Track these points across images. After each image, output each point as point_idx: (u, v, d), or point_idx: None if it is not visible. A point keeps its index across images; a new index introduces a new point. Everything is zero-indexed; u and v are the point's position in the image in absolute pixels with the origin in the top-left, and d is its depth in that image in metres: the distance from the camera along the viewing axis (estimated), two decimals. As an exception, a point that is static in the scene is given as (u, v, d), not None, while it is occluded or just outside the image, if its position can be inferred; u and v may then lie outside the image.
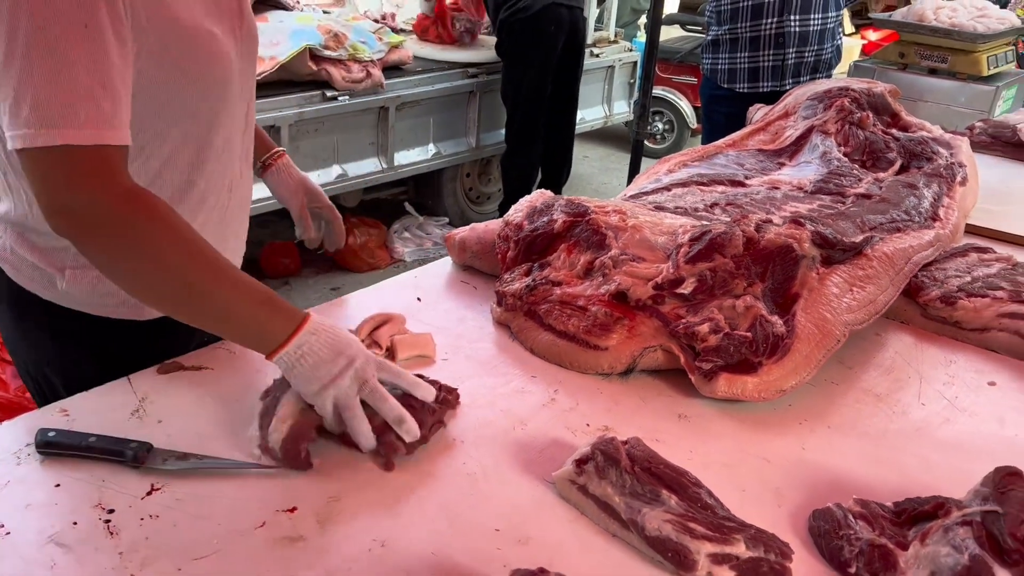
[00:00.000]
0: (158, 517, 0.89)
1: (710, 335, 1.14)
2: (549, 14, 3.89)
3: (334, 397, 0.97)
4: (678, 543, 0.83)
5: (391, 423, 0.97)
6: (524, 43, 3.92)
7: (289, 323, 0.98)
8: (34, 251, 1.18)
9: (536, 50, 3.94)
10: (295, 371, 0.97)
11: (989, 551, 0.76)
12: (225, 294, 0.99)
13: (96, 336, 1.23)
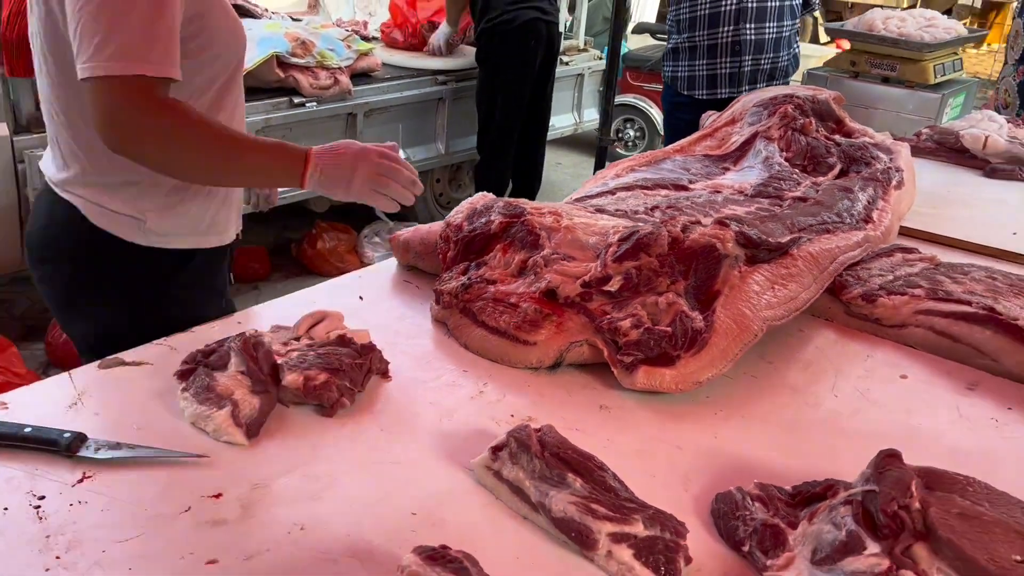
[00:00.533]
0: (87, 503, 0.92)
1: (632, 330, 1.19)
2: (531, 27, 3.98)
3: (359, 189, 1.35)
4: (581, 523, 0.87)
5: (406, 185, 1.37)
6: (506, 53, 3.99)
7: (299, 160, 1.33)
8: (115, 201, 1.43)
9: (517, 61, 4.02)
10: (323, 187, 1.35)
11: (864, 527, 0.81)
12: (251, 156, 1.35)
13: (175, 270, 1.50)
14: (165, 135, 1.27)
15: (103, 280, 1.49)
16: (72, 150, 1.43)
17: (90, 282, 1.50)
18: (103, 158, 1.37)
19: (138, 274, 1.48)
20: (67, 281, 1.52)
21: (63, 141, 1.44)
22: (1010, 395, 1.21)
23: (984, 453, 1.08)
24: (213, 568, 0.85)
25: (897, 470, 0.83)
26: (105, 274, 1.48)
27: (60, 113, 1.41)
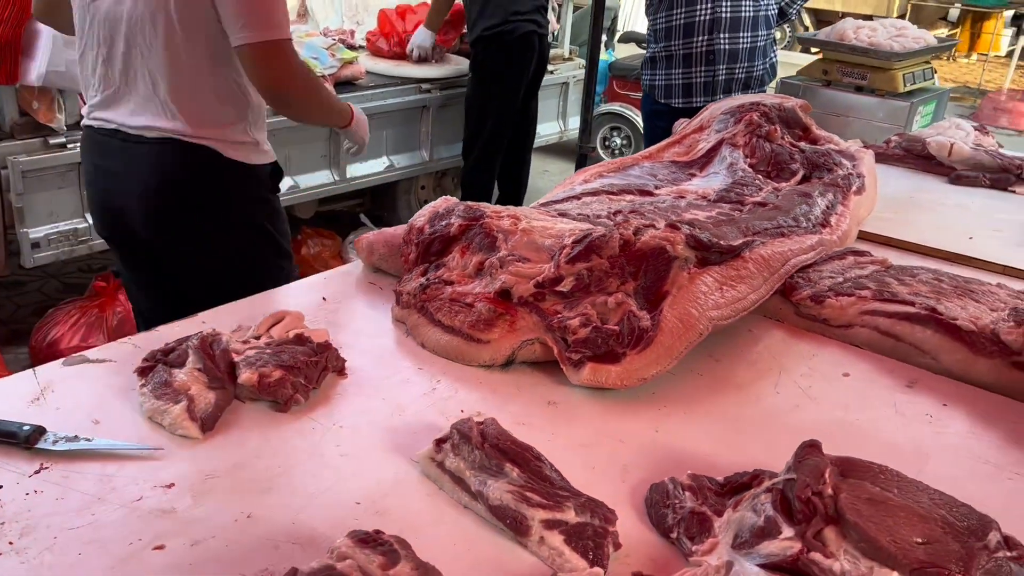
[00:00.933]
0: (42, 493, 0.96)
1: (580, 328, 1.23)
2: (527, 39, 4.06)
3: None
4: (516, 511, 0.91)
5: None
6: (502, 62, 4.06)
7: (348, 110, 2.19)
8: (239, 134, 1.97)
9: (513, 71, 4.09)
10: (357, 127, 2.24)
11: (781, 513, 0.84)
12: (335, 102, 2.20)
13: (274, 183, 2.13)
14: (308, 85, 1.98)
15: (232, 202, 2.00)
16: (202, 104, 1.91)
17: (222, 206, 1.99)
18: (226, 105, 1.93)
19: (258, 192, 2.05)
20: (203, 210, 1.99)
21: (190, 98, 1.90)
22: (947, 392, 1.25)
23: (915, 447, 1.12)
24: (159, 553, 0.88)
25: (814, 459, 0.87)
26: (233, 197, 2.00)
27: (191, 76, 1.88)
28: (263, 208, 2.08)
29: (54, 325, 3.10)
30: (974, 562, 0.74)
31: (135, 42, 1.87)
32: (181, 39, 1.84)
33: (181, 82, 1.88)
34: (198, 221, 2.00)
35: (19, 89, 2.82)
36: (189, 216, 1.99)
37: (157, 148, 1.92)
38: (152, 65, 1.87)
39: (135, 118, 1.93)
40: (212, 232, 2.02)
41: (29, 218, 2.93)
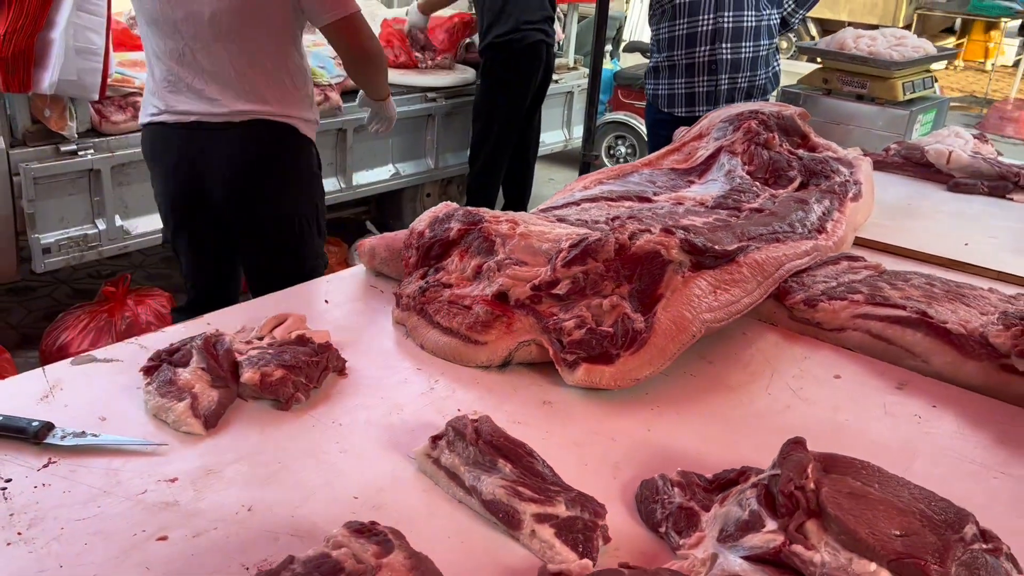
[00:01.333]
0: (50, 486, 0.99)
1: (575, 330, 1.25)
2: (536, 49, 4.13)
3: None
4: (508, 505, 0.93)
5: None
6: (511, 70, 4.12)
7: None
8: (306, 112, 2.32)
9: (520, 78, 4.14)
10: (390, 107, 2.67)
11: (766, 507, 0.87)
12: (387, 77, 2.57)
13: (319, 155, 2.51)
14: (379, 47, 2.38)
15: (303, 174, 2.36)
16: (281, 87, 2.23)
17: (295, 175, 2.33)
18: (298, 86, 2.27)
19: (317, 167, 2.42)
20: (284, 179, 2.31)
21: (273, 82, 2.21)
22: (936, 394, 1.27)
23: (903, 447, 1.14)
24: (163, 543, 0.91)
25: (798, 455, 0.89)
26: (304, 166, 2.35)
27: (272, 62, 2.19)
28: (319, 182, 2.47)
29: (64, 329, 3.14)
30: (950, 553, 0.77)
31: (219, 38, 2.14)
32: (263, 30, 2.15)
33: (264, 68, 2.19)
34: (275, 192, 2.31)
35: (31, 97, 2.87)
36: (269, 186, 2.30)
37: (244, 130, 2.22)
38: (236, 57, 2.16)
39: (218, 107, 2.20)
40: (285, 201, 2.35)
41: (40, 224, 2.97)
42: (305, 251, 2.43)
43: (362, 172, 3.99)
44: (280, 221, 2.36)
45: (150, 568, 0.88)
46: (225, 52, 2.16)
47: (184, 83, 2.21)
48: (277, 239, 2.38)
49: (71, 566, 0.87)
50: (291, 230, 2.38)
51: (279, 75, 2.22)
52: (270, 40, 2.18)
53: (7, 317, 3.67)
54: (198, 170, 2.28)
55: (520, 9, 4.04)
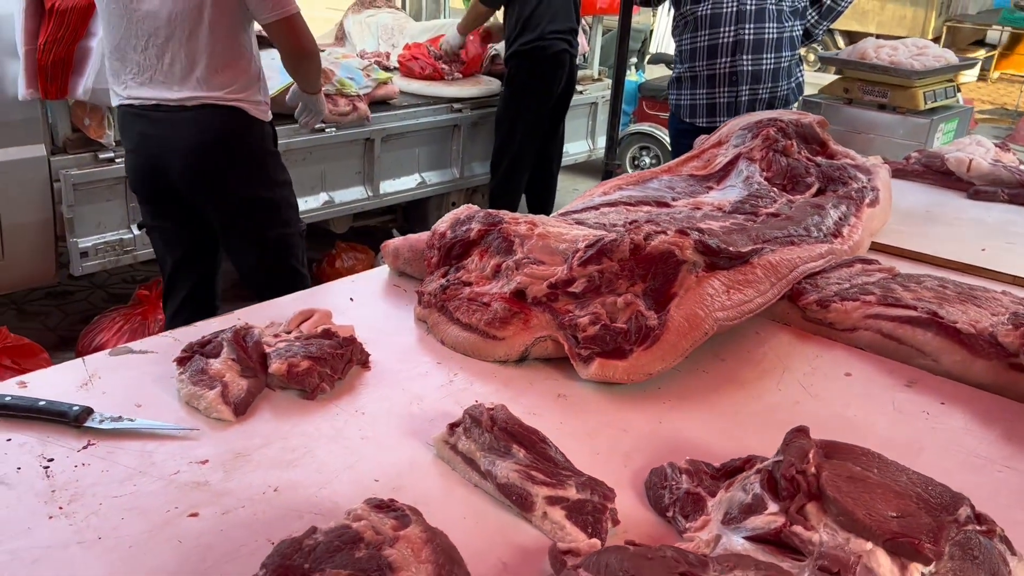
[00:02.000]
0: (89, 465, 1.05)
1: (590, 326, 1.29)
2: (559, 58, 4.20)
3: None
4: (521, 488, 0.98)
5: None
6: (534, 78, 4.19)
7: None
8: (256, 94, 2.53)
9: (544, 86, 4.20)
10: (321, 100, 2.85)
11: (768, 491, 0.90)
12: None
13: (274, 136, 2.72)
14: (315, 48, 2.58)
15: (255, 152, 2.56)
16: (231, 74, 2.44)
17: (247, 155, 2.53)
18: (247, 72, 2.47)
19: (271, 145, 2.62)
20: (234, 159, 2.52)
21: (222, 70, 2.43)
22: (945, 391, 1.29)
23: (910, 442, 1.17)
24: (193, 519, 0.96)
25: (800, 441, 0.92)
26: (256, 146, 2.55)
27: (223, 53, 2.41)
28: (274, 158, 2.66)
29: (100, 331, 3.23)
30: (943, 533, 0.79)
31: (174, 34, 2.38)
32: (216, 26, 2.38)
33: (216, 59, 2.41)
34: (228, 170, 2.52)
35: (72, 107, 2.97)
36: (222, 165, 2.51)
37: (196, 113, 2.44)
38: (190, 49, 2.40)
39: (174, 93, 2.43)
40: (237, 178, 2.55)
41: (79, 228, 3.07)
42: (271, 226, 2.64)
43: (389, 181, 4.07)
44: (238, 200, 2.58)
45: (182, 542, 0.93)
46: (180, 47, 2.40)
47: (147, 71, 2.44)
48: (239, 216, 2.60)
49: (108, 538, 0.93)
50: (251, 207, 2.60)
51: (228, 63, 2.44)
52: (221, 34, 2.41)
53: (46, 320, 3.78)
54: (155, 146, 2.52)
55: (547, 19, 4.12)
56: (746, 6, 2.95)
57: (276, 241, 2.65)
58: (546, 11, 4.11)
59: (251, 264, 2.68)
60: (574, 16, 4.29)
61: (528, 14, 4.15)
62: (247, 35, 2.51)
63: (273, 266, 2.66)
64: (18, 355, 3.05)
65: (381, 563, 0.78)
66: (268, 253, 2.67)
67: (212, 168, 2.51)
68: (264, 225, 2.64)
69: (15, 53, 2.84)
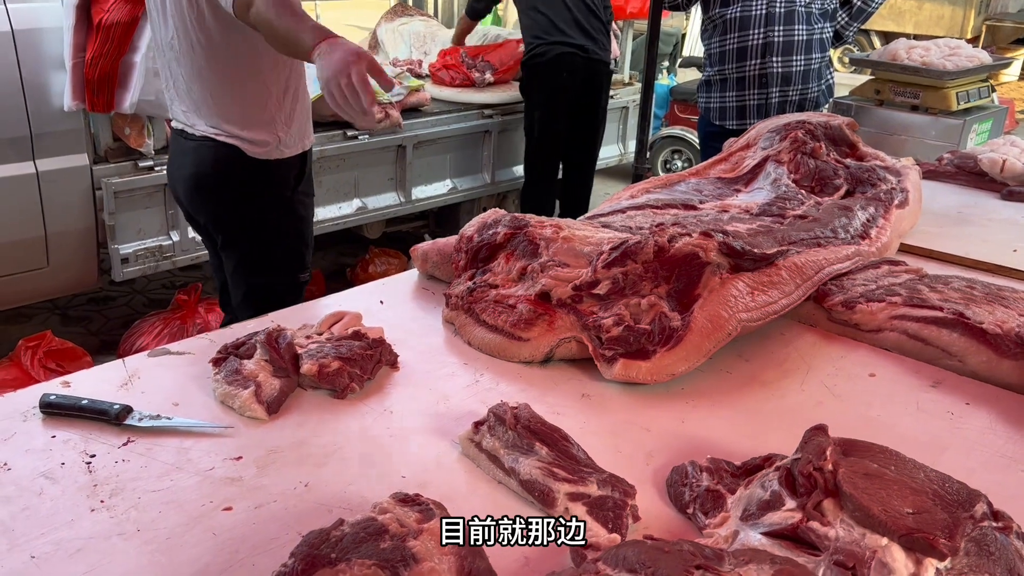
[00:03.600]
0: (129, 461, 1.09)
1: (614, 327, 1.31)
2: (563, 62, 4.17)
3: (324, 87, 1.68)
4: (543, 484, 1.00)
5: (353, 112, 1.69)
6: (538, 85, 4.20)
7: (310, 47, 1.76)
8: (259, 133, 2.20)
9: (546, 93, 4.21)
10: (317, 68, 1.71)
11: (786, 487, 0.91)
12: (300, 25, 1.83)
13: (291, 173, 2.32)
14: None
15: (255, 196, 2.26)
16: (227, 105, 2.17)
17: (246, 200, 2.26)
18: (248, 106, 2.17)
19: (275, 184, 2.27)
20: (231, 203, 2.28)
21: (217, 100, 2.17)
22: (971, 392, 1.29)
23: (933, 441, 1.17)
24: (228, 513, 1.00)
25: (818, 439, 0.93)
26: (256, 191, 2.25)
27: (215, 80, 2.15)
28: (278, 201, 2.31)
29: (140, 335, 3.32)
30: (959, 529, 0.80)
31: (173, 56, 2.20)
32: (205, 48, 2.12)
33: (208, 86, 2.17)
34: (222, 211, 2.32)
35: (113, 117, 3.06)
36: (211, 203, 2.31)
37: (195, 144, 2.24)
38: (186, 74, 2.19)
39: (186, 117, 2.26)
40: (227, 217, 2.33)
41: (120, 235, 3.16)
42: (257, 272, 2.37)
43: (421, 187, 4.12)
44: (225, 239, 2.36)
45: (216, 534, 0.96)
46: (181, 71, 2.21)
47: (169, 93, 2.32)
48: (226, 255, 2.40)
49: (146, 530, 0.97)
50: (237, 248, 2.35)
51: (226, 95, 2.17)
52: (213, 59, 2.14)
53: (88, 325, 3.89)
54: (172, 173, 2.42)
55: (543, 23, 4.13)
56: (775, 8, 2.95)
57: (263, 289, 2.35)
58: (541, 17, 4.13)
59: (237, 301, 2.46)
60: (593, 22, 4.25)
61: (525, 21, 4.24)
62: (252, 63, 2.15)
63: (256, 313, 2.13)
64: (62, 358, 3.14)
65: (405, 554, 0.80)
66: (251, 298, 2.39)
67: (203, 203, 2.33)
68: (250, 270, 2.39)
69: (61, 65, 2.94)
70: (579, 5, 4.18)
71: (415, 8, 5.54)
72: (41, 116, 2.98)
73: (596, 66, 4.29)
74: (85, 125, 3.07)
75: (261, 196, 2.29)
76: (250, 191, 2.27)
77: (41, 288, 3.23)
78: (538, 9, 4.15)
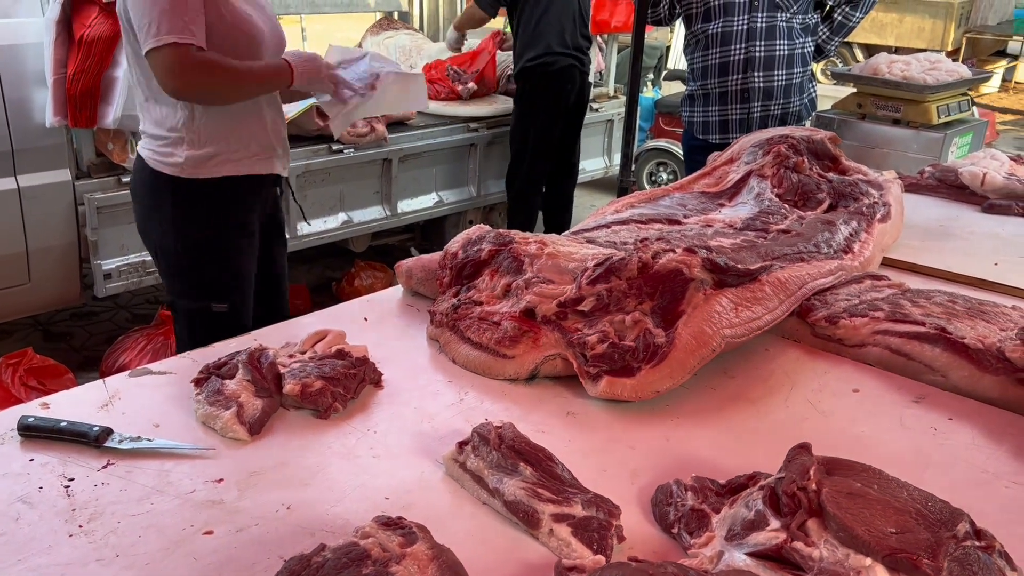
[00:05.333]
0: (108, 484, 1.08)
1: (598, 344, 1.31)
2: (567, 74, 4.24)
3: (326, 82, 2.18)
4: (528, 505, 0.99)
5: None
6: (542, 94, 4.23)
7: (287, 73, 2.11)
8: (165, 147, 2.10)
9: (551, 103, 4.24)
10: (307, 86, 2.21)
11: (770, 507, 0.91)
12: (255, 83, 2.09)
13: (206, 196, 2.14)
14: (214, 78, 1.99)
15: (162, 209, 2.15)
16: (148, 121, 2.13)
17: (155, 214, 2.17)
18: (160, 123, 2.10)
19: (195, 208, 2.14)
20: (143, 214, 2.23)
21: (143, 116, 2.14)
22: (954, 407, 1.30)
23: (917, 457, 1.17)
24: (209, 537, 0.99)
25: (802, 458, 0.93)
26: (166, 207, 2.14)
27: (141, 97, 2.13)
28: (198, 224, 2.15)
29: (123, 351, 3.29)
30: (942, 549, 0.80)
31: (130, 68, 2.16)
32: (136, 66, 2.10)
33: (138, 102, 2.16)
34: (138, 224, 2.26)
35: (96, 132, 3.04)
36: (137, 219, 2.26)
37: (137, 156, 2.22)
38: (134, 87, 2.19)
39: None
40: (146, 234, 2.26)
41: (102, 251, 3.14)
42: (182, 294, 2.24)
43: (406, 200, 4.11)
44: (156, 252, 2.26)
45: (197, 559, 0.95)
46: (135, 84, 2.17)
47: None
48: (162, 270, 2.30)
49: (126, 555, 0.95)
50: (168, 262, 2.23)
51: (148, 111, 2.12)
52: (138, 78, 2.10)
53: (71, 341, 3.85)
54: None
55: (552, 34, 4.16)
56: (757, 23, 2.97)
57: (188, 313, 2.24)
58: (550, 28, 4.15)
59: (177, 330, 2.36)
60: (583, 33, 4.32)
61: (532, 30, 4.21)
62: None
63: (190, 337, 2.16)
64: (44, 375, 3.11)
65: (387, 579, 0.80)
66: (180, 321, 2.30)
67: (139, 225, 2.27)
68: (168, 290, 2.31)
69: (43, 81, 2.92)
70: (579, 20, 4.26)
71: (401, 22, 5.55)
72: (23, 132, 2.96)
73: (585, 80, 4.37)
74: (67, 141, 3.05)
75: (184, 215, 2.14)
76: (158, 204, 2.15)
77: (23, 304, 3.20)
78: (547, 21, 4.18)
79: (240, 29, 2.07)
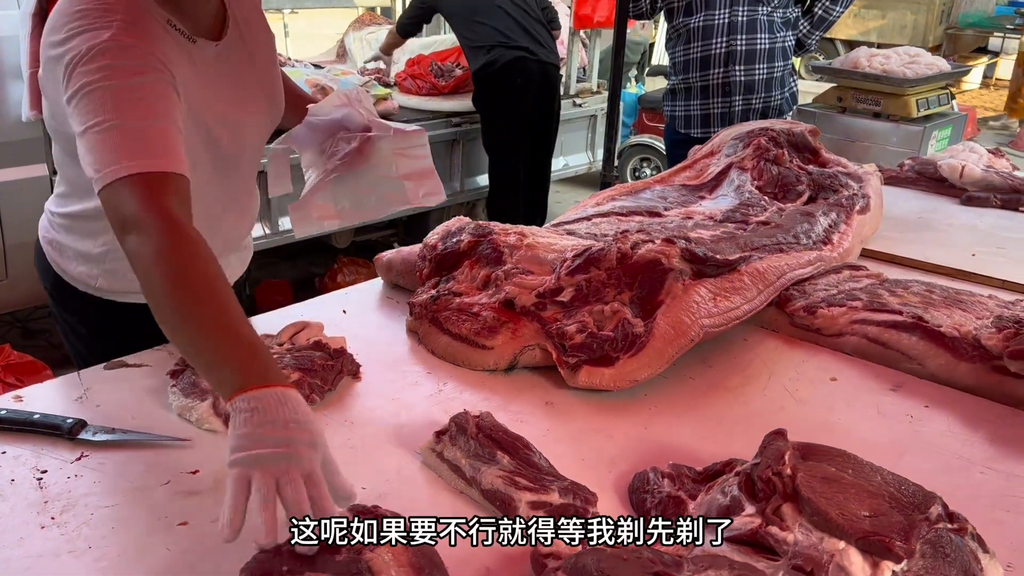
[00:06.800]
0: (82, 476, 1.07)
1: (577, 334, 1.31)
2: (516, 67, 4.12)
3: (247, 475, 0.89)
4: (505, 493, 0.99)
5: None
6: (494, 96, 4.17)
7: (230, 389, 0.94)
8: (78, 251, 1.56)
9: (504, 102, 4.18)
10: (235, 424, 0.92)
11: (745, 492, 0.91)
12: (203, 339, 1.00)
13: (120, 320, 1.51)
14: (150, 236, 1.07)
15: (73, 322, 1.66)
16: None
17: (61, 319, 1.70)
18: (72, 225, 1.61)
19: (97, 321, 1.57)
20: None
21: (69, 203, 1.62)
22: (930, 395, 1.30)
23: (893, 444, 1.18)
24: (183, 528, 0.98)
25: (777, 443, 0.94)
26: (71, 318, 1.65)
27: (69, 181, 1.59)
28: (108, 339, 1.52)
29: (102, 349, 3.26)
30: (915, 532, 0.81)
31: None
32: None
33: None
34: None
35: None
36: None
37: None
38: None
39: None
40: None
41: (80, 247, 3.10)
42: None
43: (390, 195, 4.10)
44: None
45: (170, 549, 0.94)
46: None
47: None
48: None
49: (98, 547, 0.94)
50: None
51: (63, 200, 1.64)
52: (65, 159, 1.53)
53: (50, 337, 3.81)
54: None
55: (487, 33, 4.08)
56: (738, 17, 2.98)
57: None
58: (483, 28, 4.08)
59: None
60: (536, 17, 4.22)
61: (469, 34, 4.16)
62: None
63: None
64: (21, 372, 3.07)
65: (361, 567, 0.79)
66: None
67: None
68: None
69: (18, 74, 2.88)
70: (520, 12, 4.15)
71: (383, 17, 5.52)
72: (-1, 125, 2.93)
73: (547, 69, 4.27)
74: (44, 135, 3.01)
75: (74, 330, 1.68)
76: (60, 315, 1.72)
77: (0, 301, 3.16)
78: (478, 21, 4.11)
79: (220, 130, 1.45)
